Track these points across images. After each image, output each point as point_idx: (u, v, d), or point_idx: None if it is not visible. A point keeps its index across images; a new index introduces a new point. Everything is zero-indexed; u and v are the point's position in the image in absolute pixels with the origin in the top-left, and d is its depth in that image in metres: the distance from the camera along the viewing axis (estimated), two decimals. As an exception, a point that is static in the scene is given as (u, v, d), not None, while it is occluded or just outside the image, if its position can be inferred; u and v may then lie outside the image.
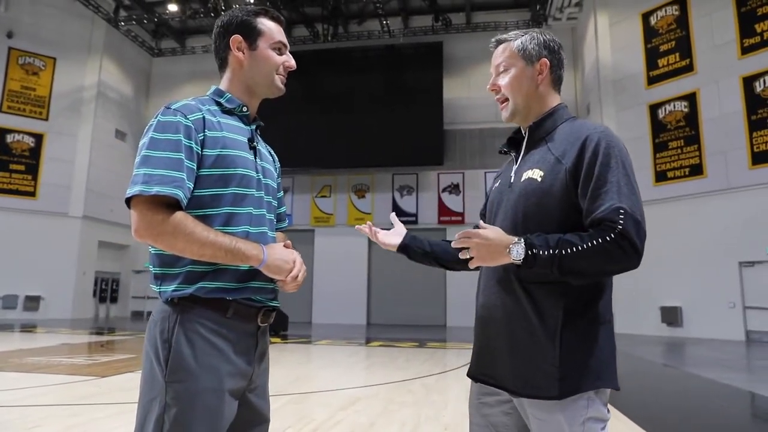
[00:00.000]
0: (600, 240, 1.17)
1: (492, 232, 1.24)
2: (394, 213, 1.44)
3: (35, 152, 18.45)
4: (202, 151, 1.33)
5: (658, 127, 14.93)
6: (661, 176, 14.72)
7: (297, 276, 1.36)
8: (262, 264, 1.31)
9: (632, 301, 14.55)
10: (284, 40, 1.51)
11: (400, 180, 20.51)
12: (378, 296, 20.13)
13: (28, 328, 13.76)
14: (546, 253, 1.18)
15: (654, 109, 15.05)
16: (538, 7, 19.12)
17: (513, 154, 1.49)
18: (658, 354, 10.15)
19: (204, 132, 1.33)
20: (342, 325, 17.96)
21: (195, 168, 1.31)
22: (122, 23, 20.28)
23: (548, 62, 1.42)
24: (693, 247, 13.51)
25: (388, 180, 20.53)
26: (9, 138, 18.00)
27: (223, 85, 1.49)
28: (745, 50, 13.32)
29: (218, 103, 1.44)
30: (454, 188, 19.95)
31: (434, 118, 19.70)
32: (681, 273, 13.65)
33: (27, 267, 17.38)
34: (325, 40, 20.80)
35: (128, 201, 1.26)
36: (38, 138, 18.54)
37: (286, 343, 11.18)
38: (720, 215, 13.17)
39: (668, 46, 14.90)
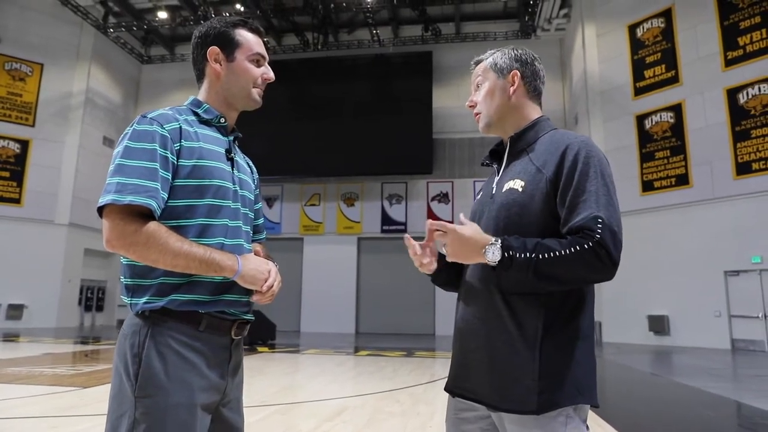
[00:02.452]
0: (578, 247, 1.16)
1: (469, 229, 1.24)
2: (430, 221, 1.33)
3: (21, 159, 18.25)
4: (177, 162, 1.31)
5: (644, 137, 15.09)
6: (647, 186, 14.87)
7: (272, 286, 1.34)
8: (237, 275, 1.29)
9: (620, 310, 14.63)
10: (263, 51, 1.49)
11: (389, 189, 20.53)
12: (367, 305, 20.06)
13: (10, 337, 13.53)
14: (522, 256, 1.18)
15: (641, 119, 15.23)
16: (526, 18, 19.32)
17: (495, 166, 1.50)
18: (645, 363, 10.19)
19: (180, 142, 1.32)
20: (331, 334, 17.86)
21: (170, 178, 1.29)
22: (111, 30, 20.20)
23: (519, 73, 1.44)
24: (679, 256, 13.63)
25: (377, 188, 20.54)
26: (-6, 144, 17.82)
27: (200, 95, 1.47)
28: (729, 63, 13.54)
29: (196, 114, 1.43)
30: (443, 197, 20.00)
31: (424, 127, 19.78)
32: (668, 282, 13.76)
33: (11, 275, 17.13)
34: (315, 48, 20.87)
35: (100, 210, 1.23)
36: (24, 144, 18.35)
37: (274, 352, 11.08)
38: (706, 225, 13.32)
39: (654, 58, 15.11)
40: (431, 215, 19.86)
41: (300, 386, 6.68)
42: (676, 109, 14.44)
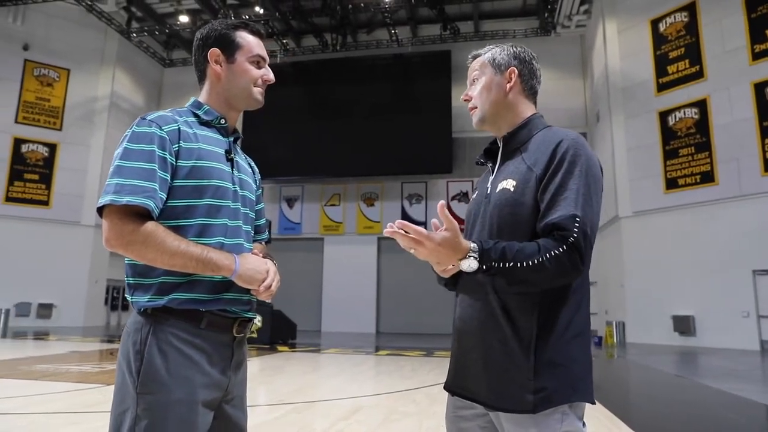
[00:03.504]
0: (554, 252, 1.16)
1: (446, 242, 1.18)
2: (442, 202, 1.22)
3: (49, 162, 18.74)
4: (176, 162, 1.33)
5: (668, 134, 14.80)
6: (671, 183, 14.57)
7: (270, 286, 1.36)
8: (234, 274, 1.31)
9: (643, 310, 14.39)
10: (263, 53, 1.51)
11: (409, 188, 20.51)
12: (387, 304, 20.08)
13: (40, 335, 13.90)
14: (500, 265, 1.17)
15: (664, 116, 14.93)
16: (546, 15, 19.09)
17: (490, 165, 1.49)
18: (669, 364, 10.00)
19: (179, 143, 1.34)
20: (351, 334, 17.92)
21: (168, 179, 1.31)
22: (134, 34, 20.60)
23: (517, 71, 1.44)
24: (705, 255, 13.33)
25: (397, 188, 20.55)
26: (24, 148, 18.33)
27: (201, 97, 1.49)
28: (756, 56, 13.19)
29: (196, 115, 1.45)
30: (463, 196, 19.91)
31: (443, 126, 19.72)
32: (693, 281, 13.47)
33: (40, 275, 17.61)
34: (334, 49, 20.95)
35: (100, 210, 1.26)
36: (52, 148, 18.84)
37: (294, 351, 11.17)
38: (732, 223, 13.00)
39: (678, 53, 14.80)
40: (452, 214, 19.69)
41: (317, 385, 6.72)
42: (701, 105, 14.13)
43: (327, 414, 4.72)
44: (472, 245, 1.19)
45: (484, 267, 1.18)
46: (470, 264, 1.18)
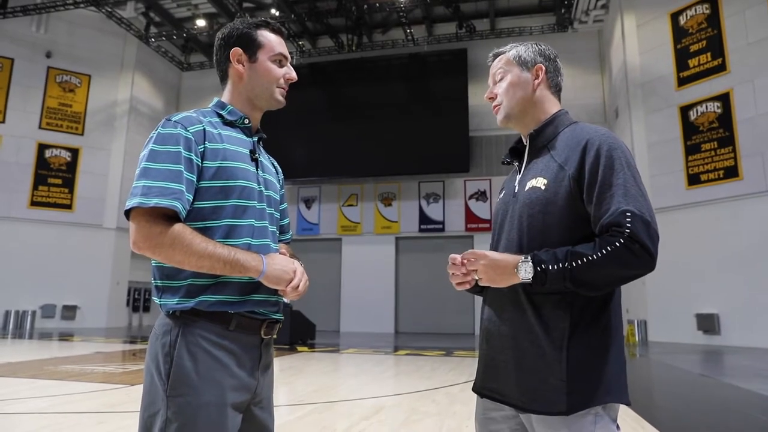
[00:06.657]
0: (609, 247, 1.14)
1: (497, 253, 1.27)
2: (453, 255, 1.31)
3: (71, 166, 19.09)
4: (202, 163, 1.33)
5: (689, 129, 14.53)
6: (694, 179, 14.31)
7: (297, 286, 1.35)
8: (262, 275, 1.30)
9: (666, 308, 14.16)
10: (285, 52, 1.50)
11: (426, 188, 20.45)
12: (406, 304, 20.05)
13: (65, 336, 14.16)
14: (555, 267, 1.16)
15: (685, 110, 14.66)
16: (563, 11, 18.88)
17: (516, 164, 1.48)
18: (693, 363, 9.83)
19: (204, 144, 1.34)
20: (370, 334, 17.93)
21: (195, 180, 1.31)
22: (153, 39, 20.86)
23: (544, 68, 1.43)
24: (729, 251, 13.06)
25: (414, 188, 20.51)
26: (47, 153, 18.69)
27: (224, 97, 1.49)
28: (781, 47, 12.89)
29: (220, 116, 1.45)
30: (481, 195, 19.80)
31: (460, 125, 19.61)
32: (717, 279, 13.21)
33: (64, 277, 17.95)
34: (349, 50, 20.97)
35: (127, 213, 1.27)
36: (74, 152, 19.18)
37: (313, 351, 11.21)
38: (758, 218, 12.72)
39: (699, 46, 14.52)
40: (469, 213, 19.71)
41: (338, 385, 6.73)
42: (724, 99, 13.84)
43: (348, 414, 4.73)
44: (522, 256, 1.23)
45: (539, 269, 1.18)
46: (527, 270, 1.19)
